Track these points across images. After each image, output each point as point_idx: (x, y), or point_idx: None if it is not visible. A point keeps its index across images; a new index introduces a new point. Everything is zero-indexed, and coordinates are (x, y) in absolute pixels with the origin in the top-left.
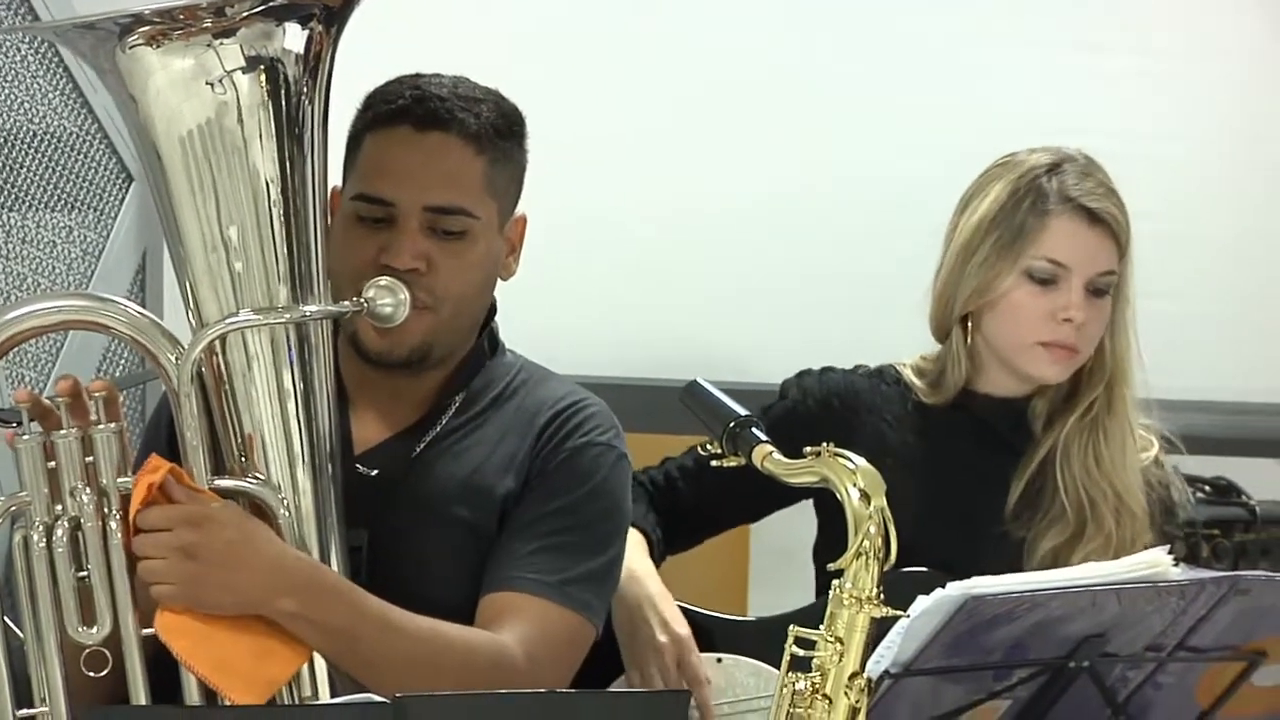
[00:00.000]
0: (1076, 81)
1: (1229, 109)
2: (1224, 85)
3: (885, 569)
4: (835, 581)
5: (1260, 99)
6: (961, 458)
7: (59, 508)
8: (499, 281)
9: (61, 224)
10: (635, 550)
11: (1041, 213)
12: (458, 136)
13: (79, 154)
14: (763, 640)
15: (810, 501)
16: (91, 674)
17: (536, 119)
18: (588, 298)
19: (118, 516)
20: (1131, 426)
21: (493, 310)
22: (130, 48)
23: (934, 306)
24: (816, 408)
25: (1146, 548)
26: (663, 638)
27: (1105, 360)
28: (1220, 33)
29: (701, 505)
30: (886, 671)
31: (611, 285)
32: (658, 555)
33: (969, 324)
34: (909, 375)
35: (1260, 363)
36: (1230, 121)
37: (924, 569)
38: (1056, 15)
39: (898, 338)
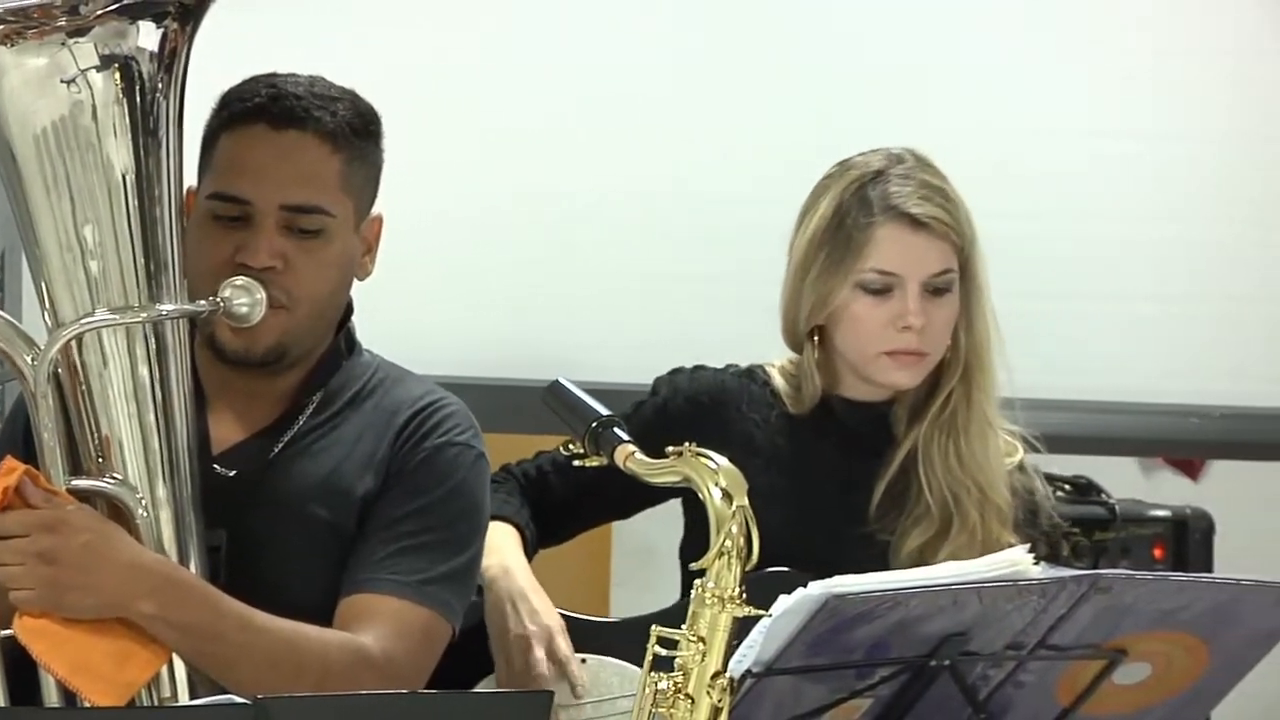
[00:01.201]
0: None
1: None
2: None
3: (747, 568)
4: (697, 581)
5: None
6: (827, 461)
7: None
8: (356, 281)
9: None
10: (508, 543)
11: (865, 225)
12: (314, 135)
13: None
14: (627, 640)
15: (677, 500)
16: None
17: (393, 117)
18: (446, 297)
19: None
20: (990, 419)
21: (349, 310)
22: None
23: (782, 321)
24: (687, 405)
25: (1010, 546)
26: (531, 627)
27: (960, 352)
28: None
29: (573, 499)
30: (748, 671)
31: (471, 285)
32: (530, 549)
33: (817, 337)
34: (776, 379)
35: (1119, 361)
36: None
37: (787, 569)
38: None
39: (762, 337)
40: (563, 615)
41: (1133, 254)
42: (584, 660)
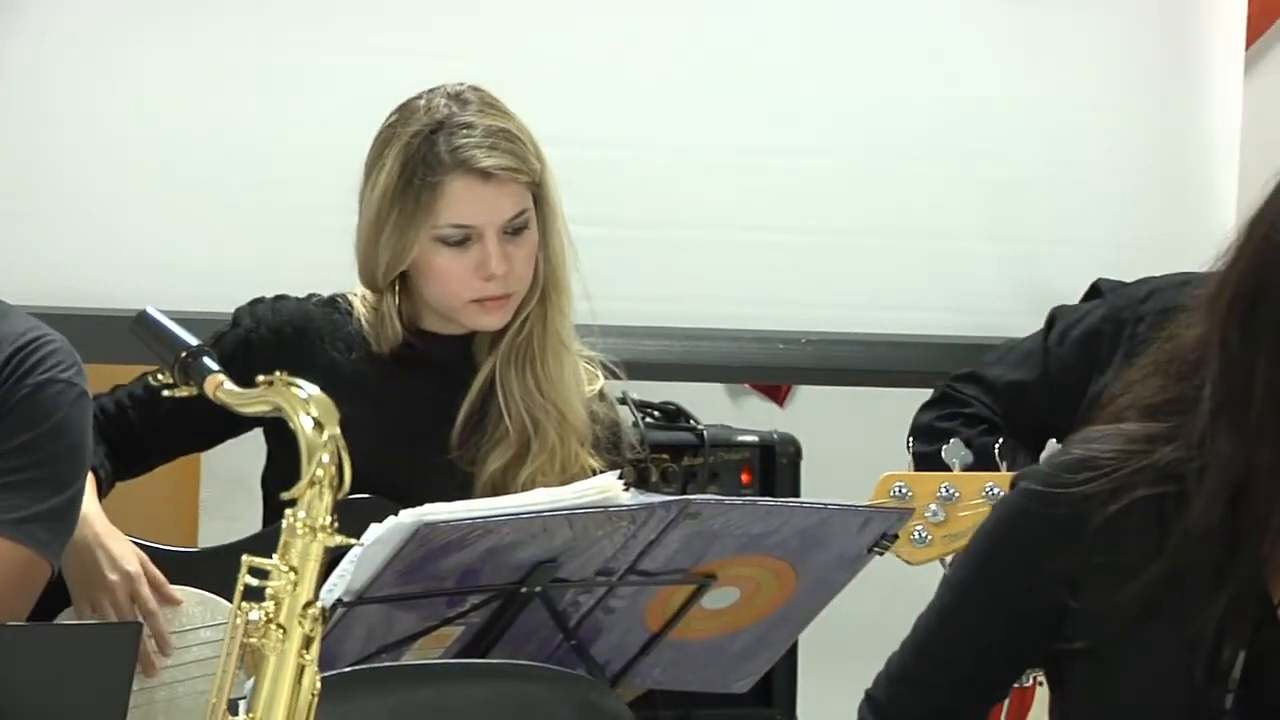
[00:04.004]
0: None
1: None
2: None
3: (339, 497)
4: (289, 510)
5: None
6: (412, 393)
7: None
8: None
9: None
10: None
11: (434, 184)
12: None
13: None
14: (215, 570)
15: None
16: None
17: None
18: (34, 225)
19: None
20: (565, 340)
21: None
22: None
23: (360, 271)
24: (270, 335)
25: (594, 471)
26: (113, 575)
27: (540, 277)
28: None
29: (153, 433)
30: (339, 600)
31: (60, 211)
32: (104, 487)
33: (397, 284)
34: (360, 309)
35: (710, 287)
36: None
37: (374, 496)
38: None
39: (347, 265)
40: (149, 547)
41: (723, 183)
42: None
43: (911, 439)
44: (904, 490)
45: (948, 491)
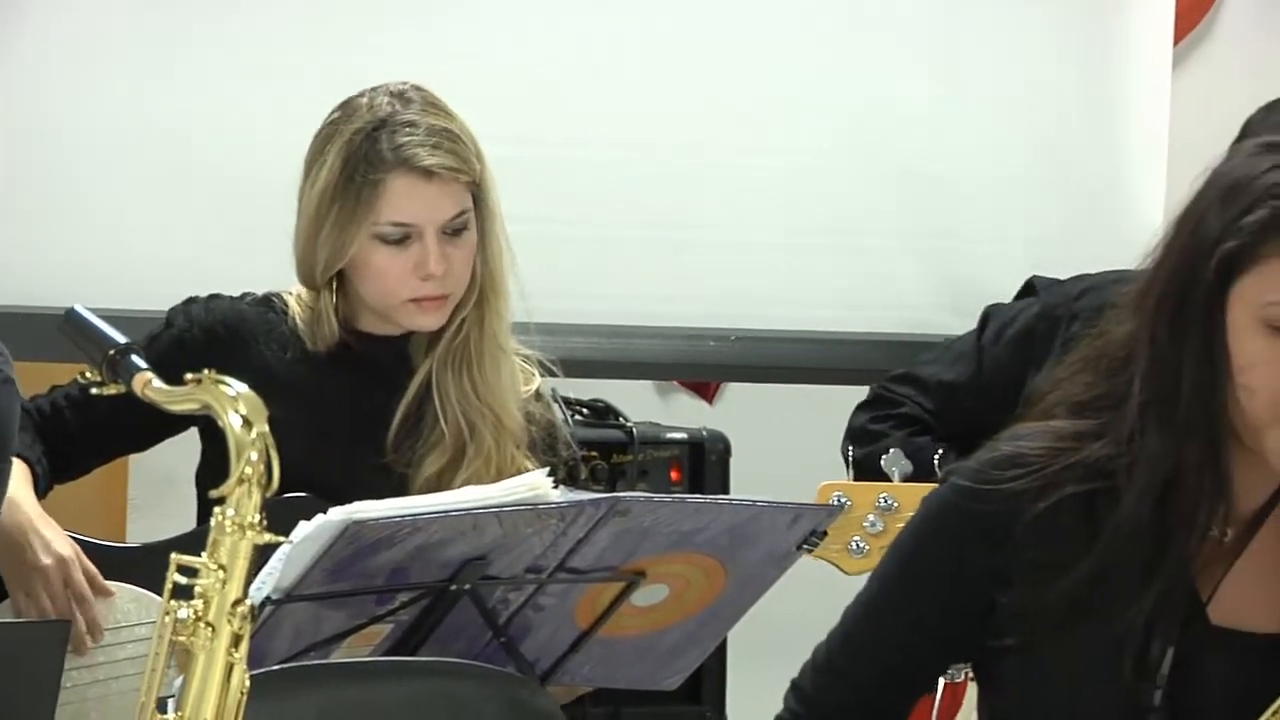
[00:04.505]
0: None
1: None
2: None
3: (268, 495)
4: (218, 508)
5: None
6: (346, 394)
7: None
8: None
9: None
10: (15, 479)
11: (375, 181)
12: None
13: None
14: (145, 567)
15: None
16: None
17: None
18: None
19: None
20: (503, 343)
21: None
22: None
23: (298, 268)
24: (203, 336)
25: (527, 469)
26: (46, 559)
27: (477, 280)
28: None
29: (88, 434)
30: (268, 598)
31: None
32: (41, 485)
33: (335, 283)
34: (294, 308)
35: (640, 284)
36: None
37: (307, 495)
38: None
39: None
40: (79, 541)
41: (651, 181)
42: None
43: (847, 443)
44: (842, 500)
45: (886, 502)
